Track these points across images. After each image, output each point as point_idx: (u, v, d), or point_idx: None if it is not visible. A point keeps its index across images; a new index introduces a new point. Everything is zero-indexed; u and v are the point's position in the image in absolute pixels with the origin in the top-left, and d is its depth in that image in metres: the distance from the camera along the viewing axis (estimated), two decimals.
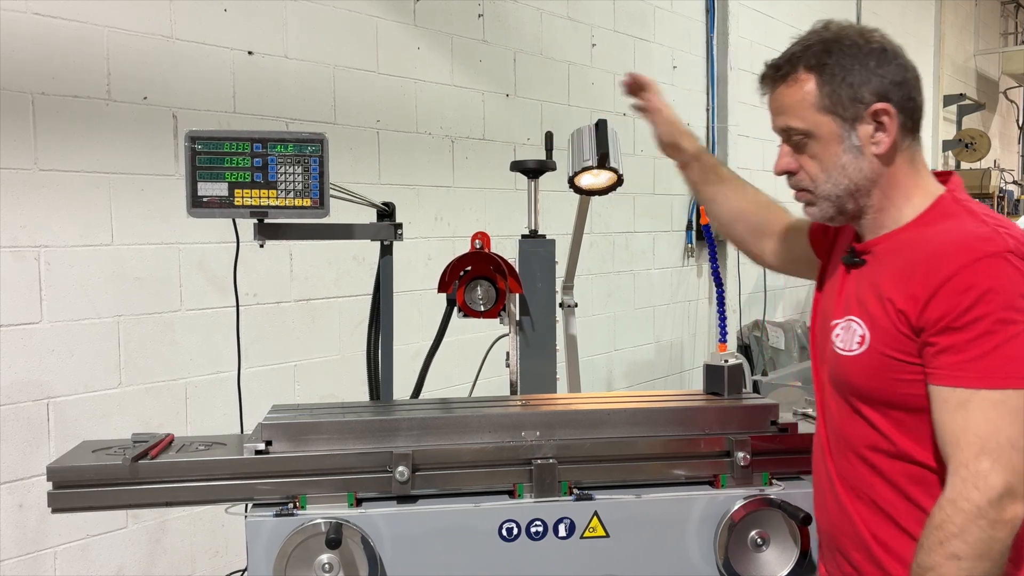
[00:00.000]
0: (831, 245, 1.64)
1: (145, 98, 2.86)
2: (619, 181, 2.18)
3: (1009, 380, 1.25)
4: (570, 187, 2.23)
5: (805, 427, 1.83)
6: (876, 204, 1.44)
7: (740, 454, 1.68)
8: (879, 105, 1.39)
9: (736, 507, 1.65)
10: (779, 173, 1.51)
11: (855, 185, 1.42)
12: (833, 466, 1.51)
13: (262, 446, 1.62)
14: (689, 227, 5.78)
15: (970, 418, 1.26)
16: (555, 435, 1.69)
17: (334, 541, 1.47)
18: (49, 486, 1.58)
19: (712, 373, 1.91)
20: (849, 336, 1.44)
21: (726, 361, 1.91)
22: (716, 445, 1.72)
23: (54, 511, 1.61)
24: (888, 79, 1.40)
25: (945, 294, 1.28)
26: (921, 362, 1.34)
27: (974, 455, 1.25)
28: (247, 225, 1.92)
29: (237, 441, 1.72)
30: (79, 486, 1.58)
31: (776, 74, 1.47)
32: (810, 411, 1.97)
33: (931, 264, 1.32)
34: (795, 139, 1.46)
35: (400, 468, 1.58)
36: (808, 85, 1.42)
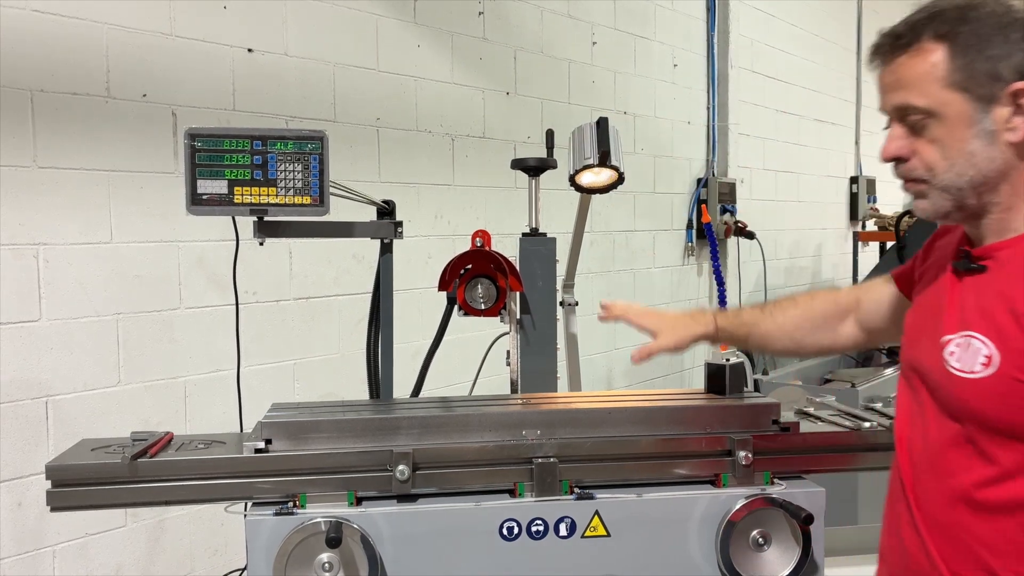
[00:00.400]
0: (921, 268, 1.47)
1: (144, 95, 2.85)
2: (620, 179, 2.16)
3: None
4: (571, 185, 2.22)
5: (807, 426, 1.82)
6: (1004, 202, 1.25)
7: (742, 453, 1.67)
8: (1020, 84, 1.19)
9: (737, 506, 1.63)
10: (888, 159, 1.30)
11: (982, 177, 1.23)
12: (916, 503, 1.35)
13: (262, 444, 1.61)
14: (689, 226, 5.78)
15: None
16: (556, 434, 1.68)
17: (334, 540, 1.46)
18: (48, 484, 1.58)
19: (714, 372, 1.90)
20: (969, 356, 1.24)
21: (727, 360, 1.90)
22: (717, 444, 1.71)
23: (53, 509, 1.60)
24: None
25: None
26: None
27: None
28: (247, 223, 1.91)
29: (237, 439, 1.71)
30: (78, 484, 1.57)
31: (896, 43, 1.26)
32: (811, 410, 1.95)
33: None
34: (912, 119, 1.25)
35: (400, 467, 1.57)
36: (935, 56, 1.21)
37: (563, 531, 1.59)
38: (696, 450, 1.71)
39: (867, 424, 1.79)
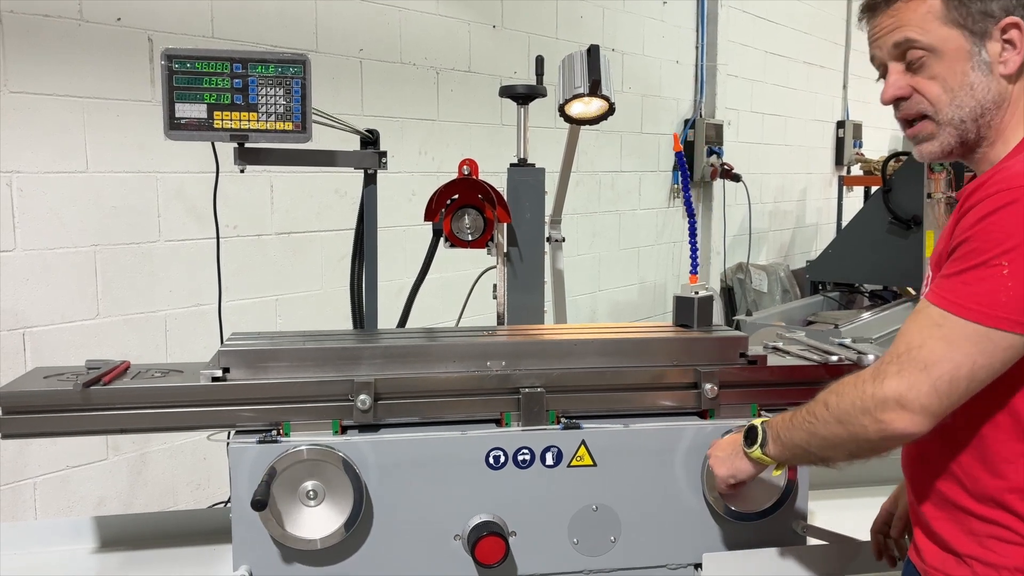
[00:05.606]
0: None
1: (119, 19, 2.75)
2: (611, 110, 2.12)
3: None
4: (560, 116, 2.16)
5: (775, 359, 1.81)
6: (991, 136, 1.32)
7: (708, 385, 1.66)
8: (1009, 19, 1.28)
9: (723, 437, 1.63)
10: (889, 101, 1.36)
11: (981, 108, 1.30)
12: None
13: (219, 373, 1.58)
14: (676, 168, 5.73)
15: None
16: (520, 365, 1.64)
17: (259, 503, 1.41)
18: None
19: (682, 305, 1.88)
20: None
21: (696, 293, 1.87)
22: (684, 377, 1.69)
23: (4, 437, 1.56)
24: None
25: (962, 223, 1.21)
26: None
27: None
28: (227, 153, 1.85)
29: (196, 369, 1.66)
30: (29, 412, 1.52)
31: None
32: (780, 344, 1.93)
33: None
34: (912, 56, 1.32)
35: (362, 396, 1.53)
36: None
37: (549, 460, 1.59)
38: (662, 383, 1.69)
39: (834, 358, 1.79)
